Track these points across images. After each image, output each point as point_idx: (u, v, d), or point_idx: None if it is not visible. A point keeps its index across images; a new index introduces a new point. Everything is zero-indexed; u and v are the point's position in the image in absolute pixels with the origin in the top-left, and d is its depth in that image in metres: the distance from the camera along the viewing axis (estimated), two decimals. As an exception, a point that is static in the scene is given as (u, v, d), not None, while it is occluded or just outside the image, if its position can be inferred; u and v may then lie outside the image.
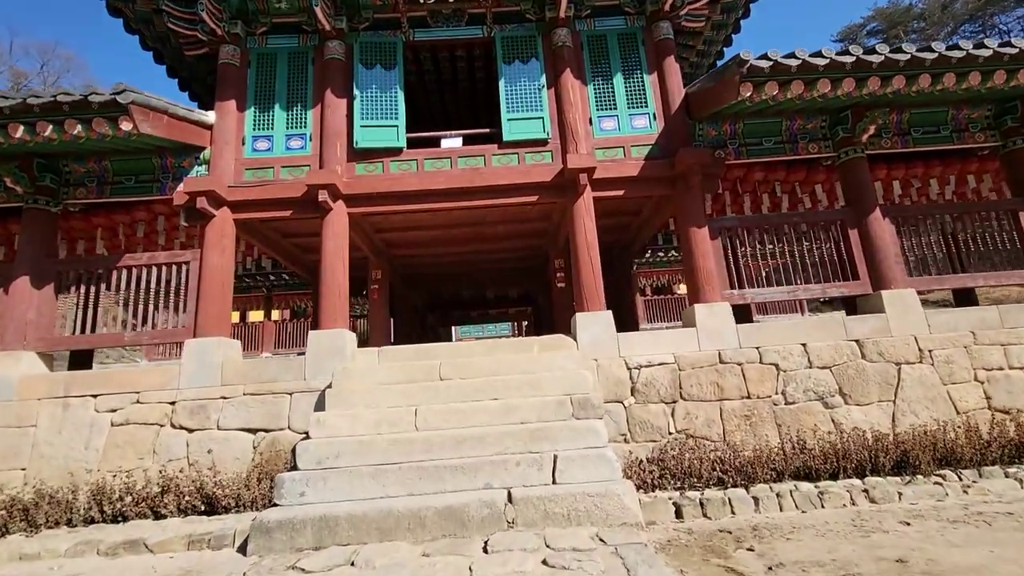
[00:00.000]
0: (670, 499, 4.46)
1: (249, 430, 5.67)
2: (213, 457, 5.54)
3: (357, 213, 6.73)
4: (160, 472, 4.98)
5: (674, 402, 5.82)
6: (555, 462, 4.19)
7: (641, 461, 5.44)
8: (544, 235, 8.96)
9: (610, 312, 6.15)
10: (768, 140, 6.85)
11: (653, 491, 4.74)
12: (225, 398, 5.77)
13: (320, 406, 5.44)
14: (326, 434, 4.79)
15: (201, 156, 6.65)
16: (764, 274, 6.55)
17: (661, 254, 18.36)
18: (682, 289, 23.59)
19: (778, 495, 4.44)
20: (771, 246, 6.65)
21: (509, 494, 3.96)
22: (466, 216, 7.80)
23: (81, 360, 8.94)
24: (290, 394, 5.78)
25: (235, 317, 17.46)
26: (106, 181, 6.58)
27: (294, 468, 4.50)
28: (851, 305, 9.42)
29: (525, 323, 19.51)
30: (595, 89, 7.04)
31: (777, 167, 7.43)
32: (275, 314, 16.41)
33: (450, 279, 11.24)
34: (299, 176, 6.52)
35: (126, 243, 7.64)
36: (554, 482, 4.14)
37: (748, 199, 7.91)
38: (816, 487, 4.62)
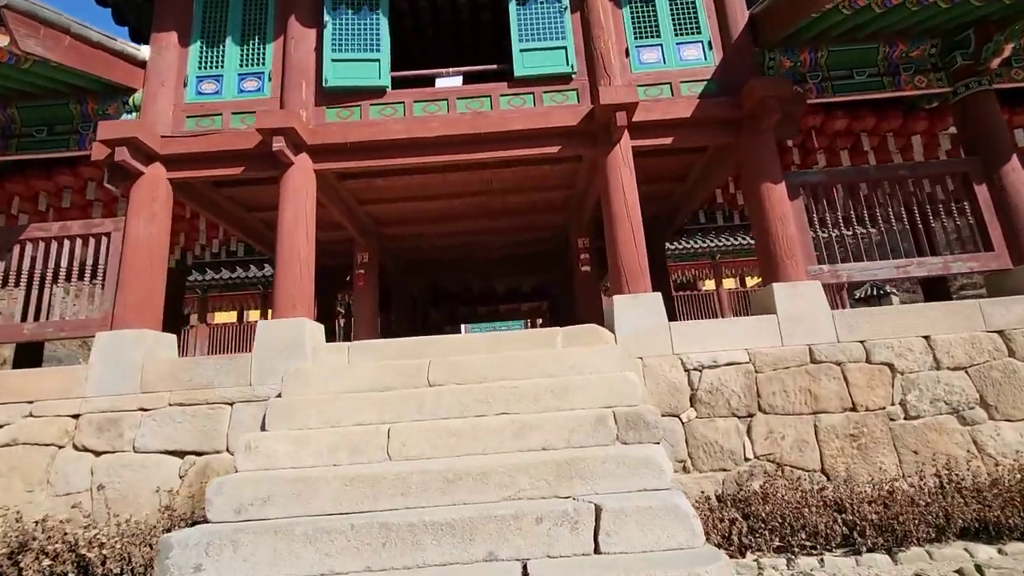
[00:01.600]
0: (776, 570, 2.88)
1: (175, 453, 4.22)
2: (122, 490, 4.09)
3: (328, 170, 5.26)
4: (17, 521, 3.51)
5: (750, 416, 4.24)
6: (597, 517, 2.64)
7: (709, 499, 3.88)
8: (565, 208, 7.41)
9: (659, 295, 4.59)
10: (860, 72, 5.24)
11: (742, 554, 3.17)
12: (145, 410, 4.32)
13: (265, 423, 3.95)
14: (257, 465, 3.30)
15: (130, 101, 5.23)
16: (859, 246, 4.94)
17: (685, 242, 16.74)
18: (709, 285, 21.86)
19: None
20: (868, 210, 5.04)
21: (525, 571, 2.45)
22: (468, 181, 6.29)
23: (31, 357, 7.59)
24: (230, 404, 4.31)
25: (231, 317, 16.25)
26: (12, 133, 5.20)
27: (202, 521, 3.01)
28: (935, 289, 7.75)
29: (540, 321, 17.96)
30: (632, 13, 5.48)
31: (863, 113, 5.81)
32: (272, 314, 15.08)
33: (453, 268, 9.73)
34: (254, 124, 5.07)
35: (56, 217, 6.26)
36: (597, 550, 2.60)
37: (823, 157, 6.29)
38: None
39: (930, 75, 5.23)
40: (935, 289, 7.79)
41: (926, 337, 4.39)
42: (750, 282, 22.92)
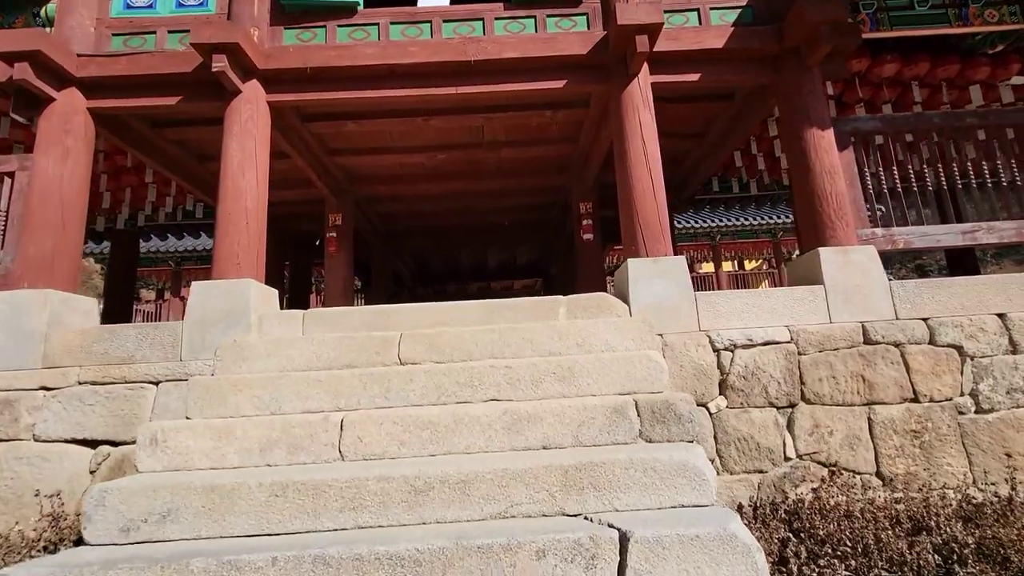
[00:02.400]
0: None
1: (85, 442, 3.40)
2: (17, 489, 3.27)
3: (285, 104, 4.36)
4: None
5: (791, 406, 3.50)
6: (623, 550, 1.87)
7: (742, 507, 3.16)
8: (566, 168, 6.56)
9: (683, 259, 3.80)
10: (922, 2, 4.42)
11: (799, 587, 2.43)
12: (48, 389, 3.48)
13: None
14: (164, 466, 2.49)
15: (42, 13, 4.28)
16: (919, 208, 4.18)
17: (684, 222, 15.96)
18: (706, 267, 21.11)
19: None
20: (930, 166, 4.26)
21: (521, 630, 1.68)
22: (454, 129, 5.42)
23: None
24: (155, 383, 3.49)
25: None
26: None
27: (78, 542, 2.22)
28: (960, 264, 7.04)
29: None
30: (653, -74, 4.58)
31: (917, 58, 5.01)
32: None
33: (440, 240, 8.88)
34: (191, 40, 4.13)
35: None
36: (622, 599, 1.84)
37: (862, 112, 5.49)
38: None
39: (1002, 8, 4.42)
40: (963, 260, 7.11)
41: (1001, 315, 3.66)
42: (748, 265, 22.35)
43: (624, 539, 1.88)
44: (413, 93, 4.21)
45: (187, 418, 2.84)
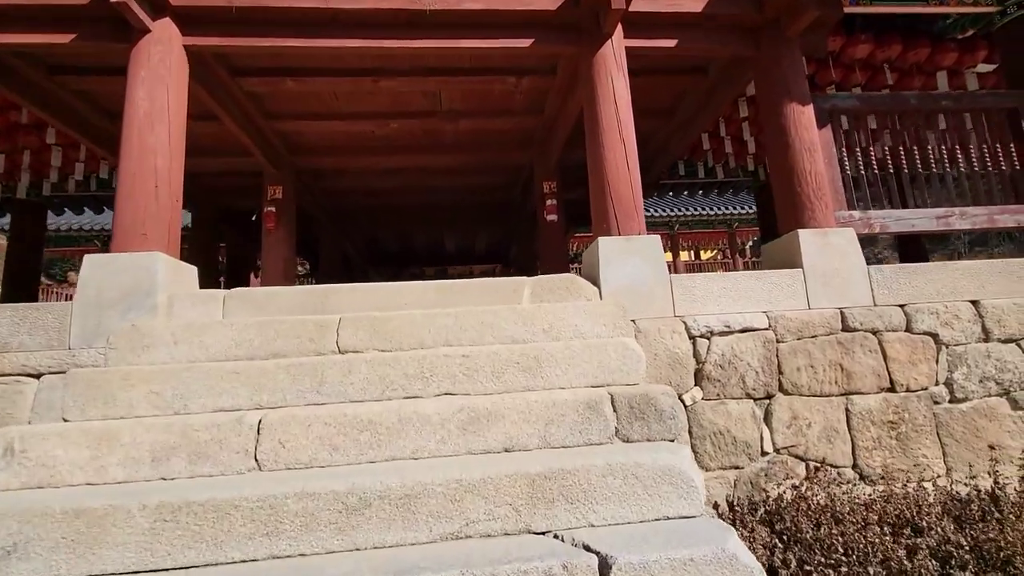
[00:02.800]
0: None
1: (-58, 449, 2.75)
2: None
3: (206, 49, 3.74)
4: None
5: (769, 397, 3.28)
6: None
7: (719, 507, 2.91)
8: (529, 142, 6.16)
9: (658, 238, 3.50)
10: (902, -22, 4.26)
11: (790, 602, 2.17)
12: None
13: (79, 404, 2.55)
14: (24, 482, 1.96)
15: None
16: (892, 191, 4.05)
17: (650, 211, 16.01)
18: (667, 256, 21.39)
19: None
20: (905, 148, 4.12)
21: None
22: (407, 94, 4.91)
23: None
24: (36, 376, 2.88)
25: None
26: None
27: None
28: (911, 247, 7.14)
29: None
30: None
31: (891, 39, 4.89)
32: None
33: (394, 220, 8.32)
34: (92, -27, 3.45)
35: None
36: (602, 638, 1.49)
37: (834, 91, 5.34)
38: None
39: (978, -11, 4.32)
40: (911, 247, 7.20)
41: (974, 302, 3.55)
42: (704, 255, 22.77)
43: (605, 566, 1.54)
44: (360, 45, 3.69)
45: (64, 420, 2.29)
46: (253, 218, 6.36)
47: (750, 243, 20.36)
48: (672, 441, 2.25)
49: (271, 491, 1.75)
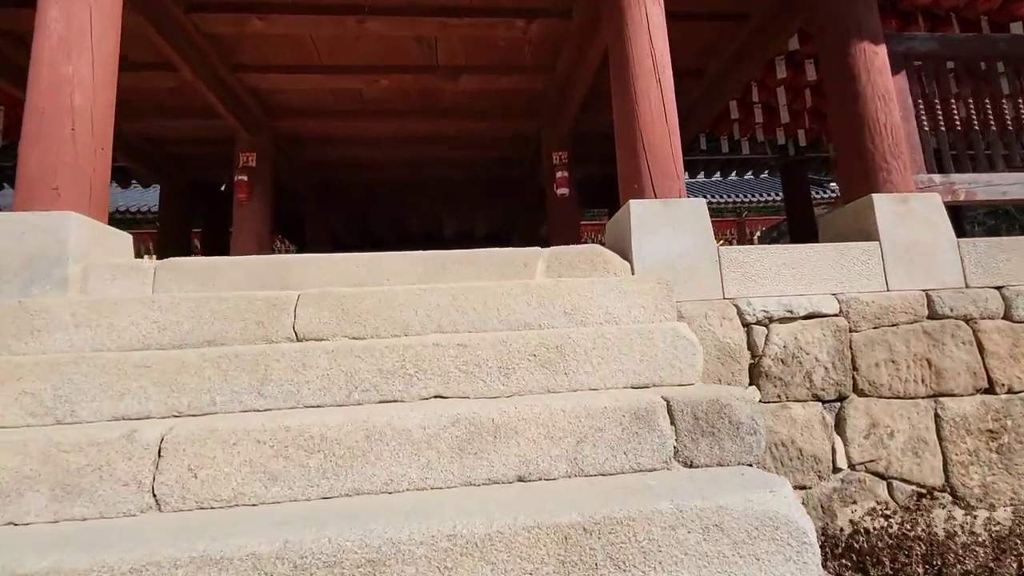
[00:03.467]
0: None
1: None
2: None
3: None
4: None
5: (841, 399, 2.63)
6: None
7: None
8: (538, 108, 5.46)
9: (703, 201, 2.83)
10: (987, -101, 3.55)
11: None
12: None
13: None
14: None
15: None
16: (980, 151, 3.38)
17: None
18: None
19: None
20: (993, 101, 3.45)
21: None
22: (398, 42, 4.22)
23: None
24: (-93, 369, 2.21)
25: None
26: None
27: None
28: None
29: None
30: None
31: (960, -18, 4.19)
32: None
33: (386, 197, 7.63)
34: None
35: None
36: None
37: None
38: None
39: (1075, -84, 3.63)
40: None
41: (1086, 284, 2.90)
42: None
43: None
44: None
45: (-99, 430, 1.63)
46: (222, 188, 5.68)
47: (758, 233, 19.71)
48: (750, 466, 1.60)
49: (154, 555, 1.10)
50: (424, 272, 2.52)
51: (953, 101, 3.37)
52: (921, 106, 3.29)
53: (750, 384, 2.60)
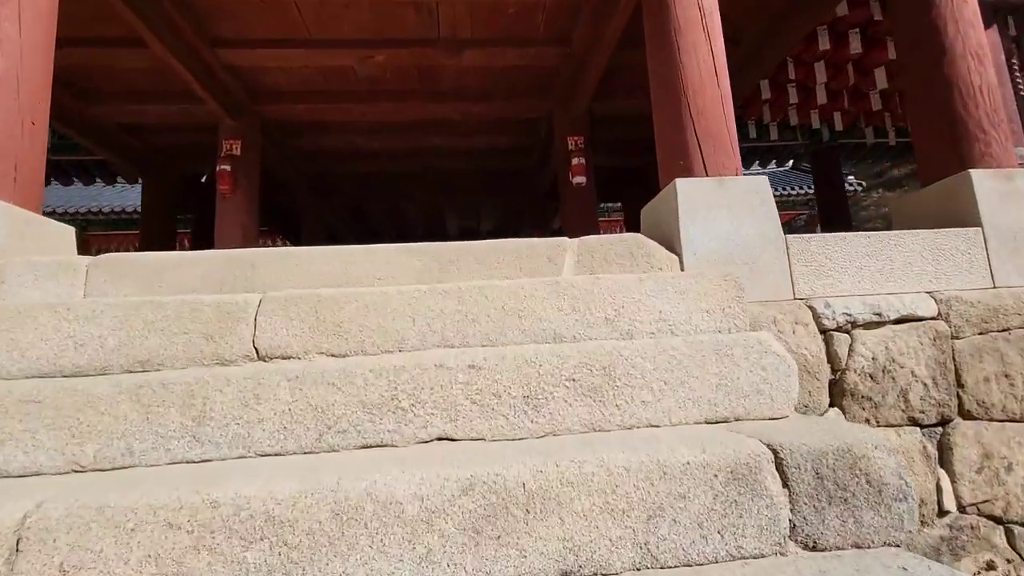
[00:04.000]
0: None
1: None
2: None
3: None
4: None
5: (944, 423, 2.12)
6: None
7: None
8: (550, 86, 4.94)
9: (765, 179, 2.32)
10: None
11: None
12: None
13: None
14: None
15: None
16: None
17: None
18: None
19: None
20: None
21: None
22: (397, 7, 3.72)
23: None
24: None
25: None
26: None
27: None
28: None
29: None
30: None
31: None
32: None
33: (386, 191, 7.14)
34: None
35: None
36: None
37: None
38: None
39: None
40: None
41: None
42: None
43: None
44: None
45: None
46: (203, 179, 5.20)
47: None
48: (899, 547, 1.09)
49: None
50: (424, 269, 2.02)
51: (1052, 61, 2.84)
52: (1016, 66, 2.76)
53: (830, 405, 2.09)
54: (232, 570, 0.95)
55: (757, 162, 8.13)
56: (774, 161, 8.20)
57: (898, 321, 2.16)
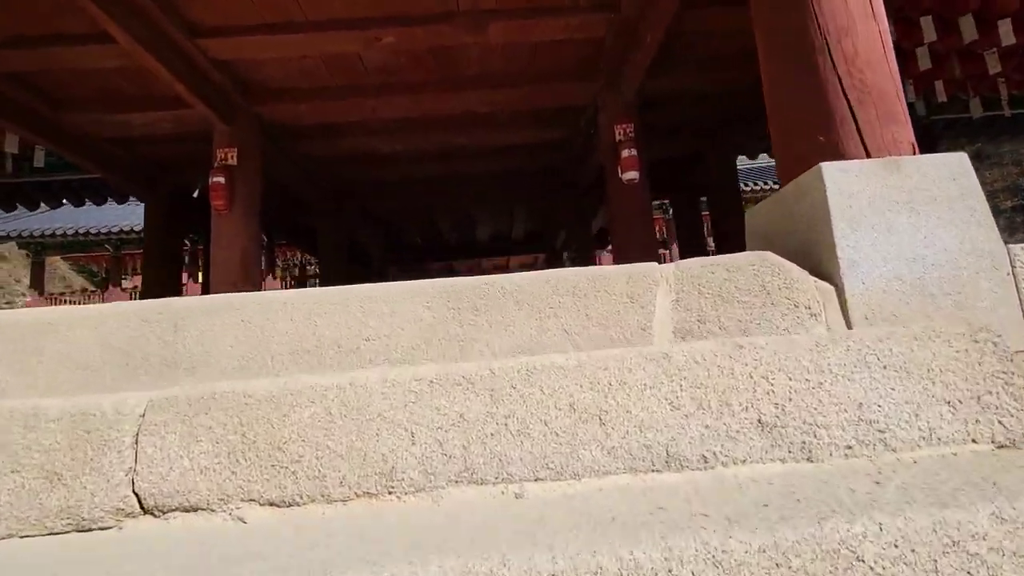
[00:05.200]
0: None
1: None
2: None
3: None
4: None
5: None
6: None
7: None
8: (593, 67, 4.14)
9: (963, 156, 1.48)
10: None
11: None
12: None
13: None
14: None
15: None
16: None
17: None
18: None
19: None
20: None
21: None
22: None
23: None
24: None
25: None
26: None
27: None
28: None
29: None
30: None
31: None
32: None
33: (408, 198, 6.47)
34: None
35: None
36: None
37: None
38: None
39: None
40: None
41: None
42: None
43: None
44: None
45: None
46: (194, 195, 4.64)
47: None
48: None
49: None
50: (437, 322, 1.30)
51: None
52: None
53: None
54: None
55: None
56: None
57: None
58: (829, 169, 1.44)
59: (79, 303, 13.09)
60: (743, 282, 1.35)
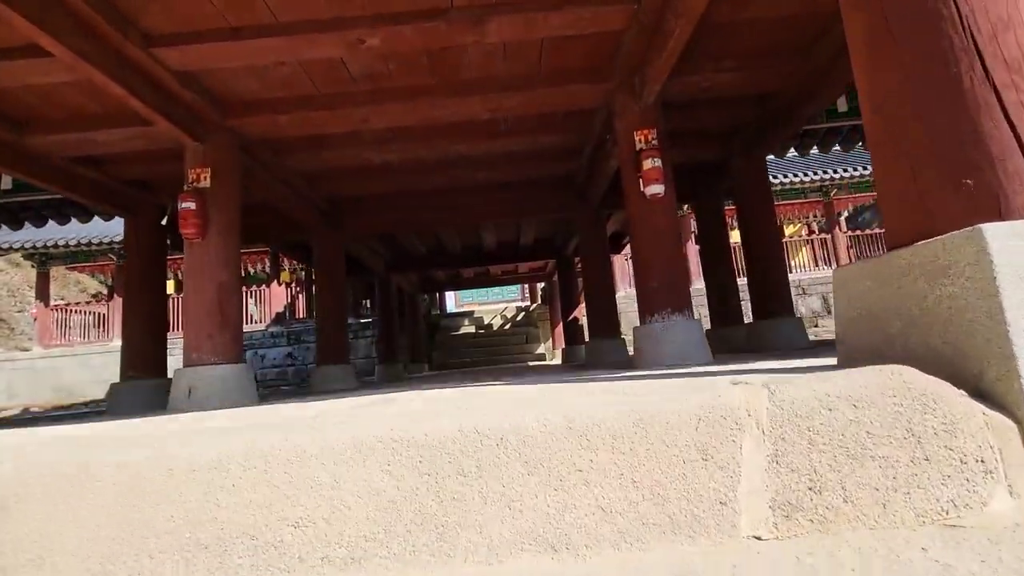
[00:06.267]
0: None
1: None
2: None
3: None
4: None
5: None
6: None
7: None
8: (608, 65, 3.63)
9: None
10: None
11: None
12: None
13: None
14: None
15: None
16: None
17: (782, 175, 13.23)
18: (790, 229, 18.02)
19: None
20: None
21: None
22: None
23: None
24: None
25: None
26: None
27: None
28: None
29: (542, 287, 14.39)
30: None
31: None
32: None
33: (409, 210, 5.99)
34: None
35: None
36: None
37: None
38: None
39: None
40: None
41: None
42: (788, 231, 19.16)
43: None
44: None
45: None
46: (163, 221, 4.19)
47: (846, 213, 16.90)
48: None
49: None
50: (399, 498, 0.84)
51: None
52: None
53: None
54: None
55: (837, 143, 6.49)
56: (861, 139, 6.52)
57: None
58: (995, 233, 0.94)
59: (91, 310, 12.84)
60: (879, 424, 0.87)
